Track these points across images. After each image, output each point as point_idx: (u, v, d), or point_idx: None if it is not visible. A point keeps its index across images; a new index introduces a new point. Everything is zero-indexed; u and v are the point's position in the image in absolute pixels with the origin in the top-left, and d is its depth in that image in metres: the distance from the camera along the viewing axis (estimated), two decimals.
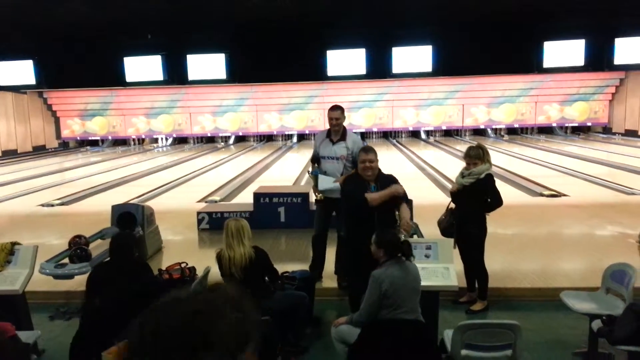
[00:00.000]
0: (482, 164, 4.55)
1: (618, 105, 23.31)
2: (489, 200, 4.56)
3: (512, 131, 24.90)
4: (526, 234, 7.12)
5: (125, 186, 13.02)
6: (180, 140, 25.90)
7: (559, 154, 17.26)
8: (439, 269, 3.74)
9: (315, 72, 7.91)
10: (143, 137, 25.84)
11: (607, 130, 23.94)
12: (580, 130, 24.63)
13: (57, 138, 25.30)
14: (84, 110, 24.93)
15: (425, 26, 7.39)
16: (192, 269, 4.25)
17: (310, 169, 5.26)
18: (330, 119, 5.01)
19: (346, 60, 7.66)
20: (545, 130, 24.76)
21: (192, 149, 23.58)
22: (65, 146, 25.54)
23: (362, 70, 7.65)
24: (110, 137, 25.62)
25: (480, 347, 3.03)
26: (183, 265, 4.25)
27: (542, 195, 10.15)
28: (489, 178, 4.54)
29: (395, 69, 7.60)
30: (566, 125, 24.66)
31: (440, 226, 4.77)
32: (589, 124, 24.41)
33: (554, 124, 24.55)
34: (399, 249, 3.30)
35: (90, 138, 25.56)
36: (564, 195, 10.05)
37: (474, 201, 4.55)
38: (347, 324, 3.39)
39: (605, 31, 7.10)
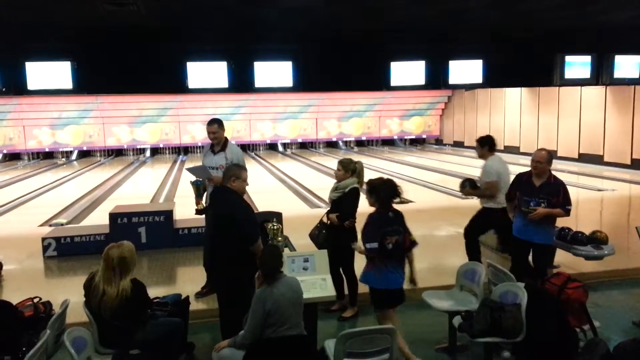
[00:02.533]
0: (349, 177, 4.82)
1: (447, 120, 26.31)
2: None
3: (360, 143, 26.64)
4: None
5: None
6: (12, 157, 22.89)
7: (400, 164, 18.90)
8: (317, 280, 3.85)
9: (174, 84, 7.61)
10: None
11: (439, 141, 26.85)
12: (417, 142, 27.29)
13: None
14: None
15: (286, 43, 7.57)
16: (47, 304, 3.79)
17: (192, 179, 5.22)
18: (208, 132, 5.38)
19: (207, 72, 7.50)
20: (388, 142, 26.93)
21: (26, 166, 21.01)
22: None
23: (225, 84, 7.55)
24: None
25: (361, 354, 3.17)
26: (36, 300, 3.77)
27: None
28: (354, 192, 4.81)
29: (258, 83, 7.64)
30: (405, 137, 27.10)
31: (316, 240, 4.86)
32: (424, 136, 27.15)
33: (395, 137, 26.82)
34: (275, 267, 3.30)
35: None
36: (411, 201, 11.01)
37: (341, 213, 4.77)
38: (229, 347, 3.30)
39: (441, 54, 7.95)
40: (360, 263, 4.96)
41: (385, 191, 3.95)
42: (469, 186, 5.76)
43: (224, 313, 3.91)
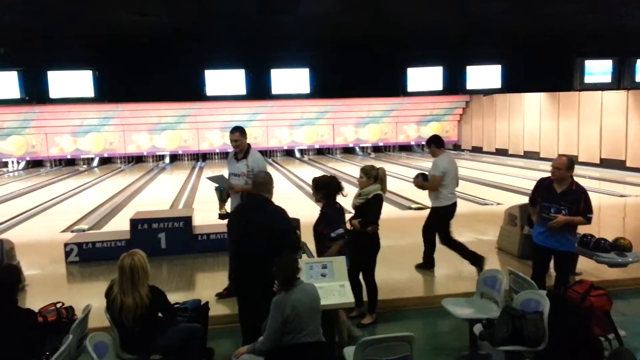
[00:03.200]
0: (372, 184, 4.83)
1: (465, 125, 26.12)
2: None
3: (377, 149, 26.58)
4: (401, 246, 7.58)
5: None
6: (35, 164, 23.37)
7: (418, 169, 18.72)
8: (335, 287, 3.84)
9: (192, 91, 7.70)
10: None
11: (457, 147, 26.64)
12: None
13: None
14: None
15: (303, 50, 7.61)
16: (70, 309, 3.84)
17: (215, 185, 5.32)
18: (230, 140, 5.44)
19: (225, 80, 7.57)
20: (405, 148, 26.81)
21: (49, 172, 21.42)
22: None
23: (242, 91, 7.61)
24: None
25: None
26: (59, 305, 3.83)
27: (410, 208, 10.93)
28: (377, 198, 4.81)
29: (275, 90, 7.69)
30: (422, 143, 26.92)
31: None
32: None
33: (413, 142, 26.70)
34: (292, 274, 3.31)
35: None
36: (428, 207, 10.92)
37: (365, 219, 4.77)
38: (249, 354, 3.31)
39: (459, 59, 7.91)
40: (380, 270, 4.97)
41: (332, 188, 4.50)
42: (421, 178, 6.25)
43: (247, 319, 3.91)
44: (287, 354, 3.17)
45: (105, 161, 23.94)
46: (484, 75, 8.05)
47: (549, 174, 4.79)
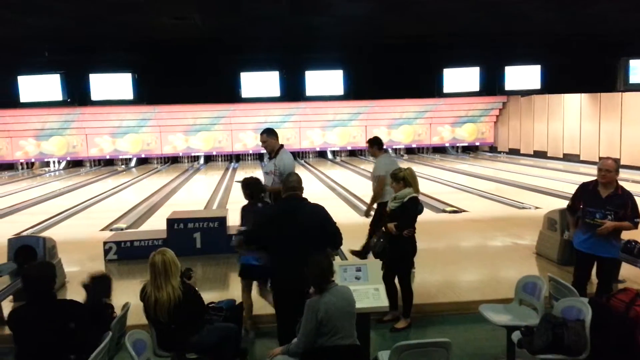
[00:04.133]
0: (404, 187, 4.79)
1: (502, 126, 25.56)
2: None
3: (410, 151, 26.34)
4: (435, 249, 7.48)
5: (15, 215, 11.84)
6: (75, 164, 24.16)
7: (452, 172, 18.50)
8: (370, 290, 3.81)
9: (228, 93, 7.80)
10: (32, 160, 23.77)
11: (493, 149, 26.12)
12: (470, 150, 26.64)
13: None
14: None
15: (337, 52, 7.60)
16: (109, 306, 3.93)
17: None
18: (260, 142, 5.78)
19: (260, 82, 7.63)
20: (439, 150, 26.44)
21: (88, 172, 22.08)
22: None
23: (277, 93, 7.66)
24: None
25: None
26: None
27: (444, 211, 10.78)
28: (412, 201, 4.76)
29: (309, 92, 7.71)
30: (457, 145, 26.53)
31: (373, 249, 4.87)
32: (477, 143, 26.48)
33: (447, 144, 26.32)
34: (325, 277, 3.29)
35: None
36: (464, 210, 10.75)
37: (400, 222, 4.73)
38: (283, 355, 3.32)
39: (497, 60, 7.75)
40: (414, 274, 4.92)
41: (255, 187, 4.89)
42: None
43: (287, 320, 3.90)
44: (321, 356, 3.16)
45: (142, 161, 24.54)
46: (523, 76, 7.87)
47: (589, 178, 4.63)
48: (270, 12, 5.64)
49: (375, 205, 6.52)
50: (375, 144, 6.59)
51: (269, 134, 5.66)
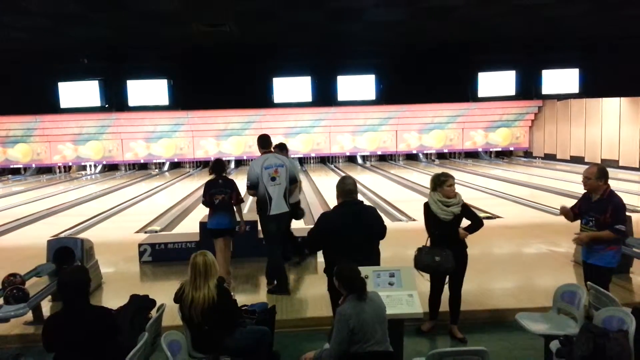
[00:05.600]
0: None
1: (537, 131, 24.99)
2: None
3: (441, 156, 25.99)
4: (469, 256, 7.31)
5: (53, 217, 12.20)
6: (111, 168, 24.82)
7: (485, 177, 18.16)
8: (404, 296, 3.76)
9: (260, 99, 7.87)
10: (70, 164, 24.53)
11: (528, 154, 25.55)
12: (504, 155, 26.11)
13: None
14: (5, 137, 23.39)
15: (369, 57, 7.60)
16: (145, 312, 4.00)
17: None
18: None
19: (292, 87, 7.68)
20: (472, 155, 26.03)
21: (123, 176, 22.63)
22: None
23: (308, 98, 7.70)
24: (34, 165, 24.11)
25: None
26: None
27: None
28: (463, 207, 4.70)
29: (341, 97, 7.71)
30: (490, 150, 26.05)
31: (443, 266, 4.57)
32: (511, 148, 25.94)
33: (480, 149, 25.87)
34: (355, 284, 3.26)
35: (11, 166, 23.93)
36: (498, 217, 10.53)
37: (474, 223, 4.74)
38: None
39: (533, 63, 7.60)
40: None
41: (218, 166, 6.15)
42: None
43: None
44: None
45: (175, 165, 24.99)
46: (560, 80, 7.71)
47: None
48: (306, 19, 5.68)
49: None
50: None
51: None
